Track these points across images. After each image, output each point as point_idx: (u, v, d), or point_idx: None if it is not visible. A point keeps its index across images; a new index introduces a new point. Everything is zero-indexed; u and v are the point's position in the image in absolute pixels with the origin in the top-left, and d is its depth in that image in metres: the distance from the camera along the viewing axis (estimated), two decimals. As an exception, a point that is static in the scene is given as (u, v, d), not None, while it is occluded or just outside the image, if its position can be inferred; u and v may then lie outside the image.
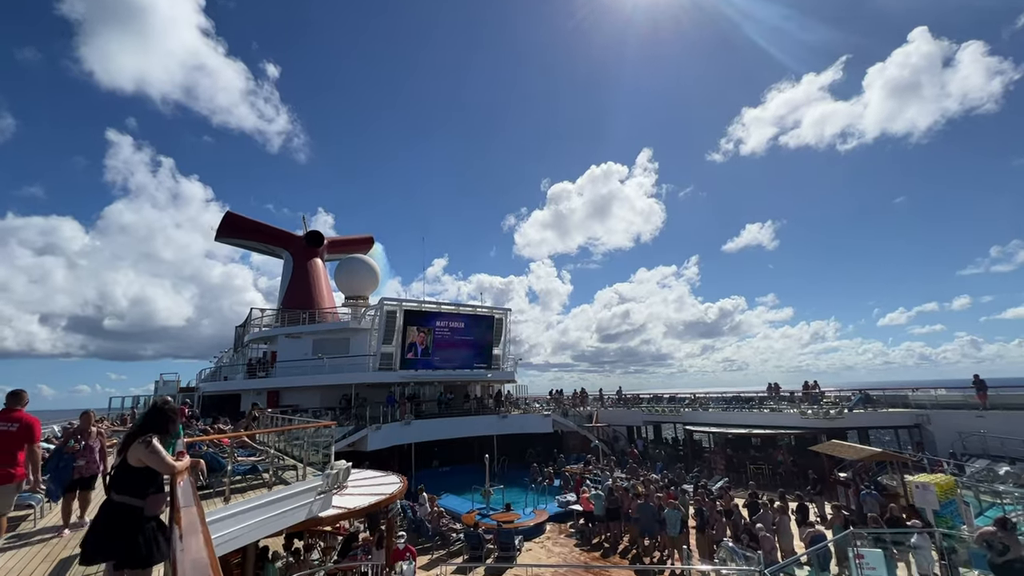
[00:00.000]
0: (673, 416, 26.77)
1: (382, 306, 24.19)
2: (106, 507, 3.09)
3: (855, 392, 22.85)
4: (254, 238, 32.92)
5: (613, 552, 13.49)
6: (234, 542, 6.83)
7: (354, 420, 21.30)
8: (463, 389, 29.79)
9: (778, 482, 18.88)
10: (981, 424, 17.34)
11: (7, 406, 4.85)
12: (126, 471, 3.11)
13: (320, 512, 8.98)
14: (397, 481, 12.30)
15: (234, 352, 31.73)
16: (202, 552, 1.58)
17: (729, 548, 9.45)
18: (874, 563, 8.86)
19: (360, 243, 37.34)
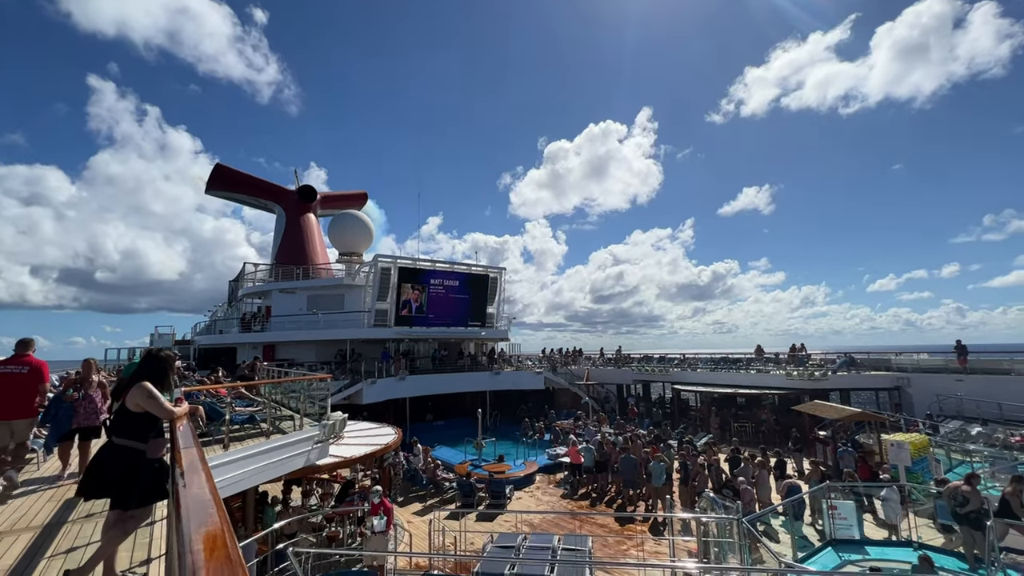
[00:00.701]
0: (662, 375, 27.41)
1: (376, 263, 24.13)
2: (108, 448, 3.16)
3: (840, 355, 23.39)
4: (245, 191, 32.31)
5: (600, 502, 14.15)
6: (234, 487, 7.07)
7: (349, 375, 21.69)
8: (457, 346, 30.23)
9: (761, 439, 19.64)
10: (959, 387, 17.92)
11: (17, 352, 5.41)
12: (126, 416, 3.17)
13: (317, 460, 9.28)
14: (392, 432, 12.66)
15: (228, 306, 31.79)
16: (204, 488, 1.64)
17: (710, 498, 9.92)
18: (846, 513, 9.38)
19: (354, 199, 36.81)
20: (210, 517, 1.32)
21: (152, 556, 3.59)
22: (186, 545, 1.17)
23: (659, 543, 10.78)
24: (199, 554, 1.10)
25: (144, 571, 3.35)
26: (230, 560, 1.05)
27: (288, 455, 8.29)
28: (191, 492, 1.56)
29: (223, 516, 1.31)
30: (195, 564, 1.06)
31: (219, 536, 1.20)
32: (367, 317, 24.57)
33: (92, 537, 3.86)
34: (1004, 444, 13.61)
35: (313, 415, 9.86)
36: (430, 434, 21.54)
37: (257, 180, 32.34)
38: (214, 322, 30.71)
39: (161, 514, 4.26)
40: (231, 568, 1.01)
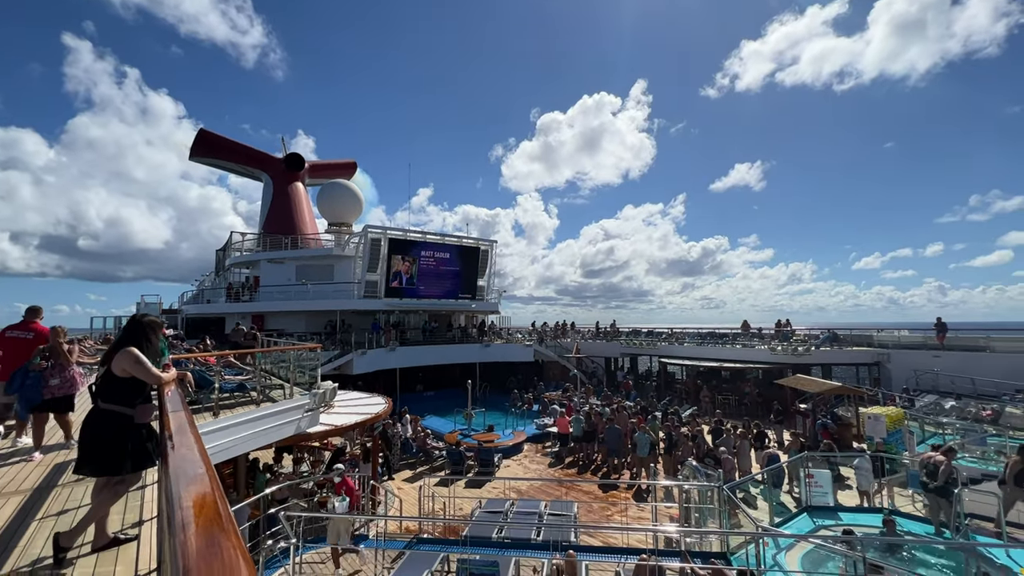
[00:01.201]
0: (650, 349, 27.83)
1: (366, 234, 23.87)
2: (93, 415, 3.15)
3: (823, 331, 23.86)
4: (231, 159, 31.51)
5: (586, 470, 14.53)
6: (224, 453, 7.13)
7: (339, 345, 21.71)
8: (447, 318, 30.30)
9: (743, 412, 20.17)
10: (936, 363, 18.45)
11: (25, 318, 5.75)
12: (112, 381, 3.15)
13: (308, 428, 9.36)
14: (382, 402, 12.78)
15: (216, 276, 31.43)
16: (192, 448, 1.65)
17: (693, 467, 10.22)
18: (822, 482, 9.74)
19: (343, 168, 36.09)
20: (198, 476, 1.33)
21: (144, 518, 3.64)
22: (175, 503, 1.19)
23: (642, 509, 11.14)
24: (188, 511, 1.11)
25: (136, 532, 3.40)
26: (219, 515, 1.07)
27: (278, 423, 8.35)
28: (179, 452, 1.57)
29: (212, 474, 1.32)
30: (184, 520, 1.07)
31: (208, 493, 1.21)
32: (357, 288, 24.45)
33: (83, 500, 3.89)
34: (975, 418, 14.12)
35: (303, 384, 9.90)
36: (420, 405, 21.81)
37: (243, 147, 31.54)
38: (201, 291, 30.38)
39: (153, 478, 4.30)
40: (220, 523, 1.03)
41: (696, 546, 8.31)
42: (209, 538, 0.98)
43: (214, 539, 0.98)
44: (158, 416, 3.32)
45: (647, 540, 8.54)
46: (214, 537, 0.98)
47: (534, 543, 8.35)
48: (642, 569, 6.14)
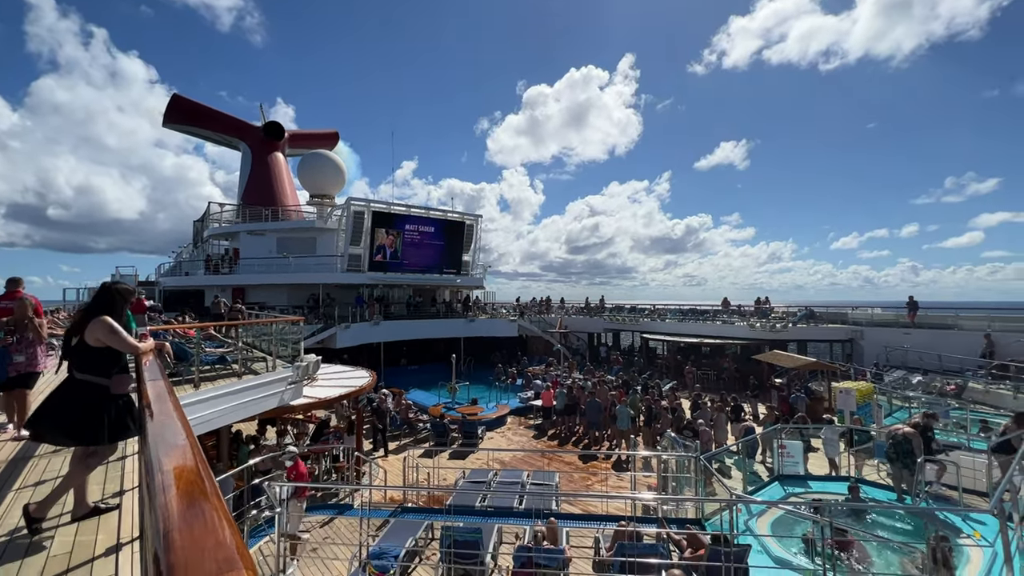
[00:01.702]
0: (632, 325, 28.24)
1: (349, 206, 23.44)
2: (67, 384, 3.08)
3: (800, 308, 24.46)
4: (207, 126, 30.37)
5: (567, 442, 14.86)
6: (206, 425, 7.10)
7: (322, 319, 21.55)
8: (432, 293, 30.22)
9: (722, 386, 20.72)
10: (906, 340, 19.10)
11: (8, 289, 5.75)
12: (86, 350, 3.07)
13: (291, 401, 9.35)
14: (366, 375, 12.79)
15: (194, 248, 30.70)
16: (171, 415, 1.63)
17: (671, 438, 10.53)
18: (793, 452, 10.13)
19: (324, 138, 35.11)
20: (178, 441, 1.32)
21: (125, 488, 3.63)
22: (155, 467, 1.18)
23: (621, 479, 11.48)
24: (169, 475, 1.10)
25: (117, 502, 3.39)
26: (200, 478, 1.06)
27: (261, 395, 8.32)
28: (158, 420, 1.55)
29: (192, 440, 1.31)
30: (164, 483, 1.06)
31: (188, 457, 1.20)
32: (340, 262, 24.14)
33: (60, 471, 3.85)
34: (940, 392, 14.74)
35: (286, 357, 9.85)
36: (404, 378, 21.91)
37: (219, 113, 30.41)
38: (179, 263, 29.69)
39: (133, 449, 4.27)
40: (201, 486, 1.02)
41: (672, 513, 8.63)
42: (190, 501, 0.98)
43: (195, 502, 0.97)
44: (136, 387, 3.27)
45: (626, 508, 8.82)
46: (195, 500, 0.98)
47: (516, 511, 8.57)
48: (620, 535, 6.36)
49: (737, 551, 5.80)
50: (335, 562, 6.85)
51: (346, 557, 6.85)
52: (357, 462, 10.87)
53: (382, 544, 6.77)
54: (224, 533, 0.85)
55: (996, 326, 17.90)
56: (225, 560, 0.78)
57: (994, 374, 14.73)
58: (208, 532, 0.87)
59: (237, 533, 0.87)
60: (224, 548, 0.81)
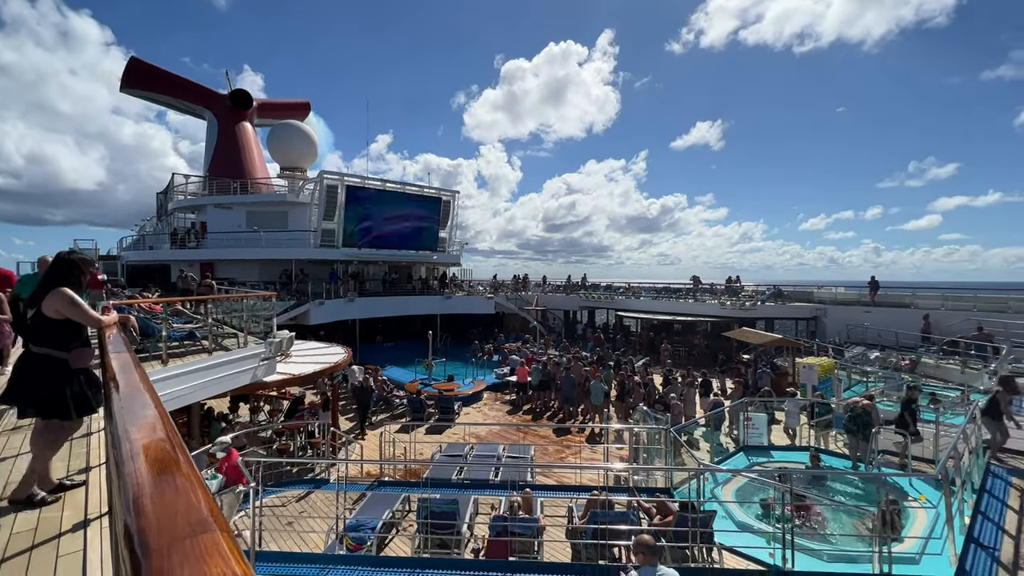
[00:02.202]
0: (607, 303, 28.65)
1: (322, 179, 22.79)
2: (25, 358, 2.97)
3: (769, 287, 25.20)
4: (168, 92, 28.79)
5: (542, 417, 15.14)
6: (175, 402, 6.95)
7: (295, 295, 21.15)
8: (408, 270, 29.91)
9: (692, 362, 21.33)
10: (866, 318, 19.94)
11: None
12: (44, 323, 2.95)
13: (264, 377, 9.21)
14: (341, 352, 12.68)
15: (158, 221, 29.47)
16: (138, 385, 1.59)
17: (643, 411, 10.85)
18: (758, 424, 10.57)
19: (295, 108, 33.78)
20: (145, 409, 1.29)
21: (91, 465, 3.54)
22: (122, 437, 1.15)
23: (594, 451, 11.80)
24: (137, 443, 1.08)
25: (83, 479, 3.31)
26: (169, 445, 1.04)
27: (233, 371, 8.16)
28: (124, 391, 1.51)
29: (160, 410, 1.28)
30: (133, 452, 1.04)
31: (156, 425, 1.18)
32: (313, 237, 23.59)
33: (21, 448, 3.74)
34: (895, 367, 15.51)
35: (258, 334, 9.65)
36: (380, 355, 21.80)
37: (182, 79, 28.84)
38: (142, 237, 28.51)
39: (98, 425, 4.17)
40: (171, 452, 1.01)
41: (643, 483, 8.95)
42: (160, 467, 0.97)
43: (165, 468, 0.96)
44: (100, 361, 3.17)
45: (598, 478, 9.10)
46: (165, 466, 0.97)
47: (492, 483, 8.75)
48: (593, 503, 6.57)
49: (703, 517, 6.08)
50: (311, 535, 6.89)
51: (322, 530, 6.89)
52: (333, 437, 10.86)
53: (359, 516, 6.83)
54: (196, 497, 0.84)
55: (949, 305, 18.84)
56: (198, 522, 0.77)
57: (945, 350, 15.55)
58: (179, 496, 0.86)
59: (209, 497, 0.86)
60: (196, 511, 0.80)
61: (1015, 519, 6.20)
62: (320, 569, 5.45)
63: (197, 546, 0.71)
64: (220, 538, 0.73)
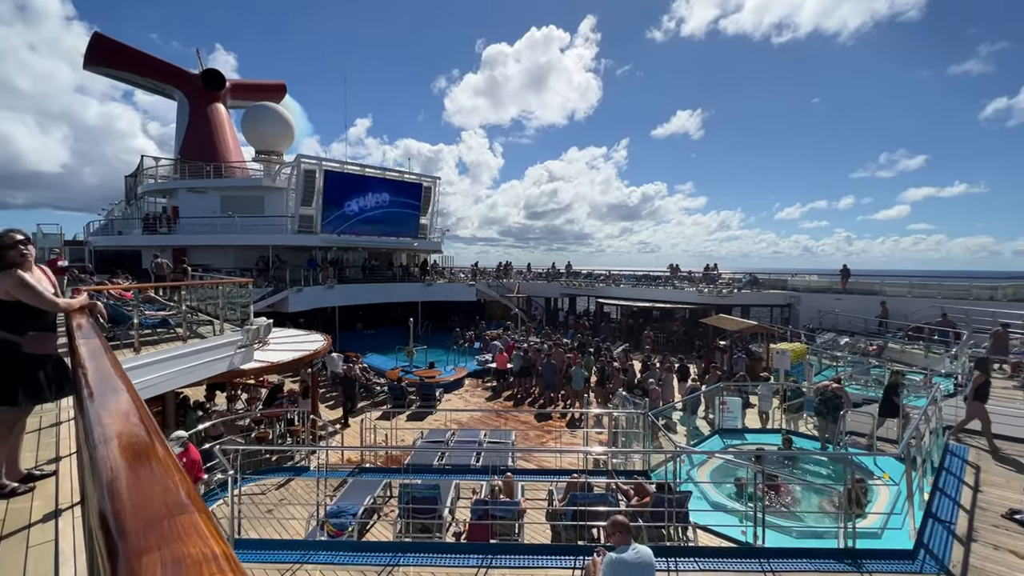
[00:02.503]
0: (588, 290, 28.90)
1: (299, 164, 22.27)
2: None
3: (745, 275, 25.76)
4: (136, 71, 27.57)
5: (523, 403, 15.29)
6: (149, 390, 6.80)
7: (273, 282, 20.77)
8: (388, 256, 29.60)
9: (671, 348, 21.73)
10: (837, 305, 20.58)
11: None
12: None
13: (242, 365, 9.07)
14: (321, 339, 12.54)
15: (127, 205, 28.46)
16: (108, 371, 1.55)
17: (623, 396, 11.04)
18: (733, 408, 10.86)
19: (270, 90, 32.75)
20: (117, 393, 1.27)
21: (61, 455, 3.46)
22: (93, 421, 1.13)
23: (574, 436, 11.99)
24: (109, 427, 1.06)
25: (54, 468, 3.24)
26: (144, 427, 1.03)
27: (209, 359, 8.02)
28: (93, 376, 1.47)
29: (133, 394, 1.26)
30: (106, 435, 1.02)
31: (129, 408, 1.16)
32: (291, 222, 23.12)
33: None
34: (863, 352, 16.08)
35: (234, 321, 9.48)
36: (360, 343, 21.63)
37: (149, 57, 27.64)
38: (111, 222, 27.56)
39: (68, 415, 4.07)
40: (145, 435, 1.00)
41: (622, 466, 9.14)
42: (134, 450, 0.95)
43: (140, 451, 0.95)
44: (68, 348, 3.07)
45: (578, 462, 9.27)
46: (140, 449, 0.95)
47: (474, 468, 8.83)
48: (572, 486, 6.69)
49: (679, 497, 6.26)
50: (291, 522, 6.87)
51: (303, 517, 6.88)
52: (313, 425, 10.79)
53: (340, 503, 6.83)
54: (173, 479, 0.83)
55: (915, 292, 19.55)
56: (175, 504, 0.76)
57: (910, 336, 16.16)
58: (155, 479, 0.85)
59: (187, 480, 0.85)
60: (173, 493, 0.79)
61: (970, 494, 6.55)
62: (301, 555, 5.45)
63: (175, 527, 0.70)
64: (198, 519, 0.72)
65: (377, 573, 5.13)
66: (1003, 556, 5.22)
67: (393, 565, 5.24)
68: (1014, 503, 6.19)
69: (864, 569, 5.07)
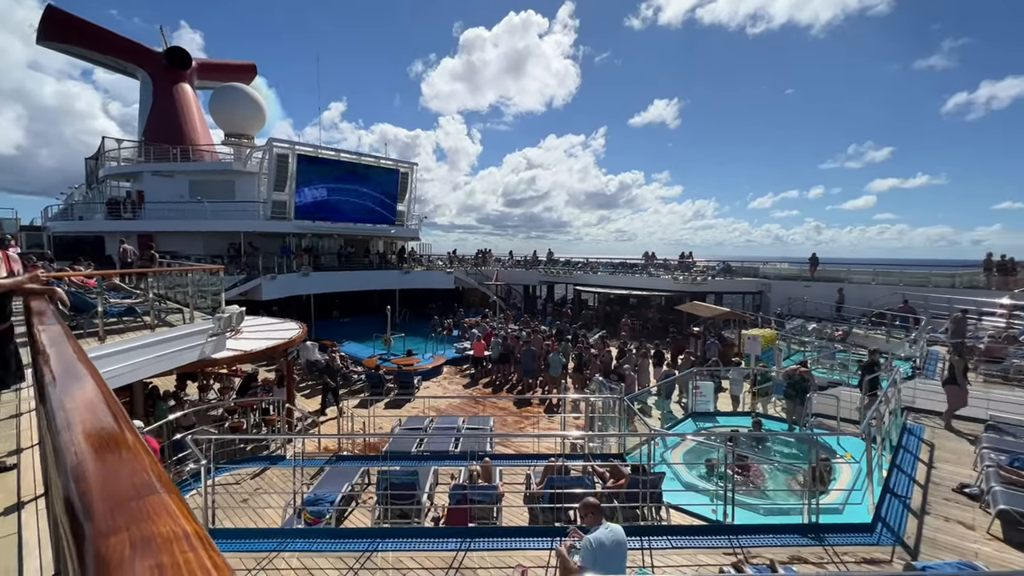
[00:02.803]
0: (566, 277, 29.10)
1: (271, 148, 21.64)
2: None
3: (719, 263, 26.31)
4: (94, 47, 26.15)
5: (501, 389, 15.38)
6: (116, 380, 6.60)
7: (245, 269, 20.26)
8: (365, 243, 29.18)
9: (647, 335, 22.12)
10: (806, 292, 21.22)
11: None
12: None
13: (213, 354, 8.89)
14: (296, 327, 12.34)
15: (88, 189, 27.23)
16: (71, 357, 1.50)
17: (599, 381, 11.21)
18: (705, 392, 11.16)
19: (240, 70, 31.56)
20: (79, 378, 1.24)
21: (23, 446, 3.35)
22: (55, 406, 1.09)
23: (552, 420, 12.15)
24: (73, 412, 1.03)
25: (15, 461, 3.13)
26: (109, 411, 1.01)
27: (179, 348, 7.82)
28: (55, 362, 1.42)
29: (98, 379, 1.23)
30: (69, 420, 1.00)
31: (93, 392, 1.13)
32: (263, 208, 22.53)
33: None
34: (829, 337, 16.67)
35: (205, 309, 9.24)
36: (337, 331, 21.37)
37: (109, 33, 26.25)
38: (71, 206, 26.33)
39: (29, 406, 3.93)
40: (111, 418, 0.97)
41: (598, 449, 9.31)
42: (100, 434, 0.93)
43: (106, 434, 0.93)
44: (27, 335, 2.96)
45: (555, 446, 9.41)
46: (105, 432, 0.93)
47: (452, 454, 8.87)
48: (550, 470, 6.80)
49: (653, 478, 6.44)
50: (267, 511, 6.81)
51: (279, 506, 6.82)
52: (289, 414, 10.66)
53: (317, 491, 6.79)
54: (142, 461, 0.82)
55: (879, 280, 20.31)
56: (143, 485, 0.75)
57: (873, 321, 16.81)
58: (123, 461, 0.84)
59: (155, 461, 0.84)
60: (141, 474, 0.78)
61: (924, 471, 6.92)
62: (278, 543, 5.42)
63: (144, 507, 0.70)
64: (168, 499, 0.72)
65: (355, 559, 5.14)
66: (953, 527, 5.56)
67: (372, 551, 5.26)
68: (964, 478, 6.57)
69: (826, 543, 5.33)
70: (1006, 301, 15.83)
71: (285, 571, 4.98)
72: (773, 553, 5.13)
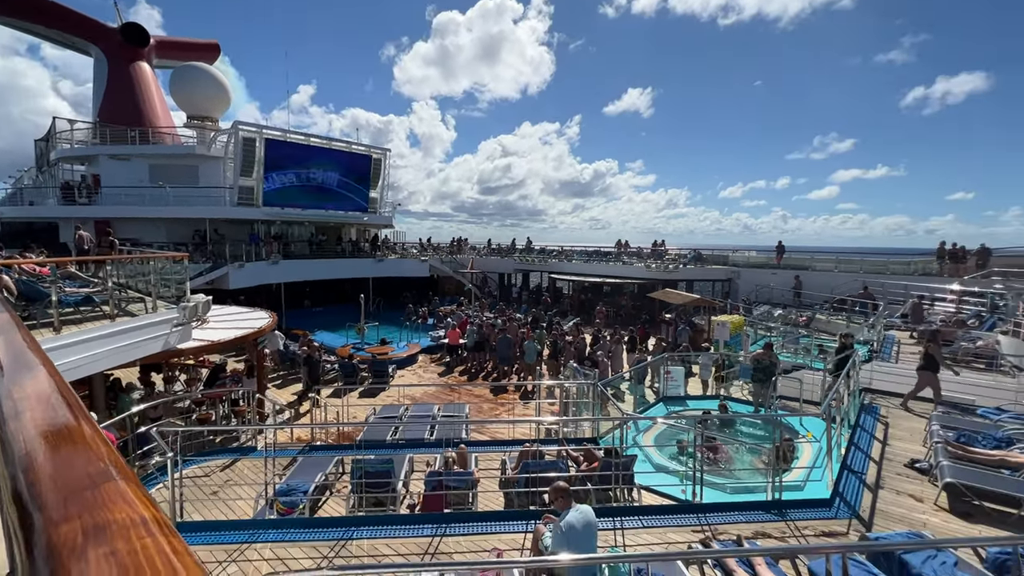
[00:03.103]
0: (541, 266, 29.22)
1: (237, 131, 20.89)
2: None
3: (690, 251, 26.85)
4: (40, 20, 24.53)
5: (477, 377, 15.42)
6: (73, 372, 6.36)
7: (211, 258, 19.62)
8: (337, 231, 28.60)
9: (620, 322, 22.46)
10: (772, 279, 21.89)
11: None
12: None
13: (179, 344, 8.61)
14: (265, 316, 12.05)
15: (39, 172, 25.79)
16: (20, 344, 1.43)
17: (574, 368, 11.35)
18: (676, 377, 11.44)
19: (202, 49, 30.13)
20: (27, 364, 1.18)
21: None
22: (2, 395, 1.04)
23: (527, 407, 12.27)
24: (21, 401, 0.98)
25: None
26: (61, 398, 0.97)
27: (141, 339, 7.55)
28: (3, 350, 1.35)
29: (50, 367, 1.17)
30: (17, 409, 0.95)
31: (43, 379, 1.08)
32: (229, 194, 21.79)
33: None
34: (793, 323, 17.28)
35: (169, 298, 8.92)
36: (309, 320, 20.98)
37: (56, 6, 24.65)
38: (20, 191, 24.94)
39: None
40: (64, 407, 0.93)
41: (572, 434, 9.47)
42: (51, 423, 0.89)
43: (57, 422, 0.89)
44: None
45: (530, 432, 9.51)
46: (57, 420, 0.89)
47: (427, 442, 8.88)
48: (524, 455, 6.89)
49: (625, 461, 6.59)
50: (238, 502, 6.70)
51: (250, 497, 6.72)
52: (260, 404, 10.45)
53: (289, 481, 6.70)
54: (97, 448, 0.79)
55: (841, 267, 21.10)
56: (99, 473, 0.73)
57: (835, 307, 17.49)
58: (77, 451, 0.80)
59: (112, 449, 0.81)
60: (97, 463, 0.76)
61: (879, 448, 7.29)
62: (249, 535, 5.34)
63: (99, 495, 0.67)
64: (125, 486, 0.70)
65: (330, 547, 5.12)
66: (904, 500, 5.89)
67: (346, 539, 5.24)
68: (915, 454, 6.95)
69: (788, 518, 5.57)
70: (956, 287, 16.70)
71: (257, 562, 4.92)
72: (739, 529, 5.35)
